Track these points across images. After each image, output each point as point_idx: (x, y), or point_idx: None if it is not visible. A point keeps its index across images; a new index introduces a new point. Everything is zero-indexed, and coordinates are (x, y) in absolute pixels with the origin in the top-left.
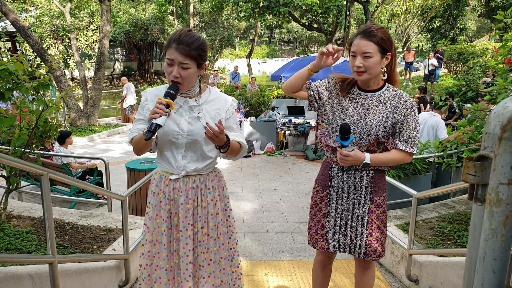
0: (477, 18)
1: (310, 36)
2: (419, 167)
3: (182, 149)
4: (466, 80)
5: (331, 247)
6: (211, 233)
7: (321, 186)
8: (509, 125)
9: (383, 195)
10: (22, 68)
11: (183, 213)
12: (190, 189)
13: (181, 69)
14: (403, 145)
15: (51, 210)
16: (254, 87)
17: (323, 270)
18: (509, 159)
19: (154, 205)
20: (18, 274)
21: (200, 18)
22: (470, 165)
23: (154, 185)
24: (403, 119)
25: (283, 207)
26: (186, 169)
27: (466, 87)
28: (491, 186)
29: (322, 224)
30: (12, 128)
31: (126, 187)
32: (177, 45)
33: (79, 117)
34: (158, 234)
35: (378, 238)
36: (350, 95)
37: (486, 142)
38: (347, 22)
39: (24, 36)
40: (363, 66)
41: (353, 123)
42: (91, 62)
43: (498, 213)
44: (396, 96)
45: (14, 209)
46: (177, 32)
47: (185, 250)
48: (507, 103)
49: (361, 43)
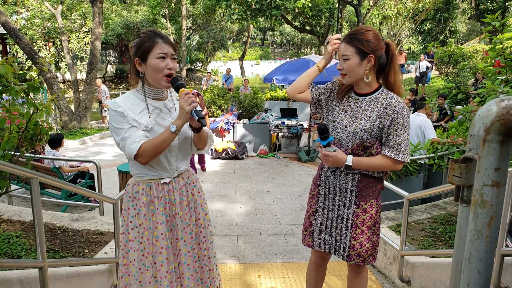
0: (467, 20)
1: (303, 38)
2: (411, 168)
3: (175, 151)
4: (457, 82)
5: (316, 245)
6: (204, 223)
7: (314, 185)
8: (493, 128)
9: (372, 201)
10: (12, 70)
11: (183, 211)
12: (183, 187)
13: (172, 61)
14: (388, 151)
15: (41, 214)
16: (247, 89)
17: (317, 271)
18: (493, 161)
19: (150, 214)
20: (7, 279)
21: (192, 21)
22: (456, 167)
23: (145, 196)
24: (389, 124)
25: (276, 209)
26: (179, 169)
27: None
28: (475, 188)
29: (310, 222)
30: (2, 131)
31: (118, 190)
32: (163, 38)
33: (71, 119)
34: (163, 240)
35: (363, 244)
36: (346, 98)
37: (471, 144)
38: (339, 24)
39: (15, 38)
40: (343, 68)
41: (341, 125)
42: (83, 65)
43: (482, 214)
44: (386, 101)
45: (4, 213)
46: (151, 30)
47: (187, 248)
48: (491, 105)
49: (341, 47)
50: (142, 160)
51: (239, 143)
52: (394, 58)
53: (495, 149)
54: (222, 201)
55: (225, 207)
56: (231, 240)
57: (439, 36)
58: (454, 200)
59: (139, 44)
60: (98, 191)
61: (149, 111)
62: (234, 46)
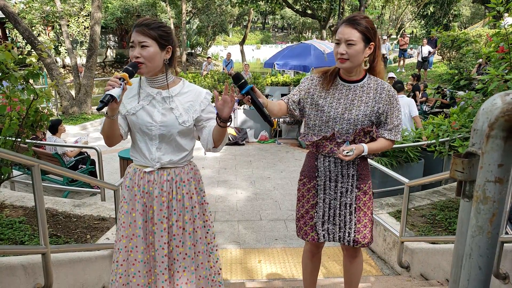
0: (471, 4)
1: (304, 22)
2: (412, 154)
3: (156, 141)
4: (460, 67)
5: (321, 237)
6: (186, 226)
7: (307, 178)
8: (497, 123)
9: (369, 182)
10: (11, 57)
11: (158, 206)
12: (165, 182)
13: (141, 49)
14: (388, 134)
15: (43, 201)
16: (248, 74)
17: (312, 259)
18: (496, 157)
19: (129, 199)
20: (10, 265)
21: (192, 4)
22: (458, 162)
23: (128, 179)
24: (387, 109)
25: (276, 195)
26: (160, 161)
27: (459, 75)
28: (478, 184)
29: (310, 215)
30: (2, 118)
31: (119, 176)
32: (137, 27)
33: (71, 105)
34: (135, 228)
35: (366, 225)
36: (334, 86)
37: (474, 138)
38: (341, 8)
39: (14, 22)
40: (346, 53)
41: (338, 114)
42: (82, 49)
43: (484, 210)
44: (378, 86)
45: (6, 199)
46: (139, 19)
47: (160, 243)
48: (495, 99)
49: (345, 31)
50: (104, 140)
51: (239, 129)
52: (379, 47)
53: (499, 145)
54: (223, 187)
55: (225, 193)
56: (231, 226)
57: (442, 20)
58: (456, 195)
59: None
60: (99, 177)
61: (139, 97)
62: (235, 30)
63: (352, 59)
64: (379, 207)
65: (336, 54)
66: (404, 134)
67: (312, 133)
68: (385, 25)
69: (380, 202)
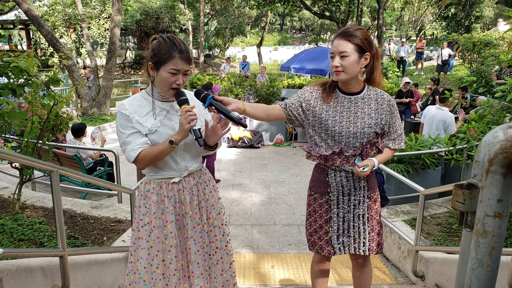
0: (495, 5)
1: (322, 24)
2: (428, 161)
3: (181, 151)
4: (481, 71)
5: (337, 251)
6: (215, 222)
7: (318, 193)
8: (496, 159)
9: (376, 190)
10: (33, 64)
11: (192, 211)
12: (193, 186)
13: (184, 76)
14: (393, 144)
15: (61, 205)
16: (264, 76)
17: (321, 270)
18: (495, 192)
19: (160, 213)
20: (30, 267)
21: (211, 6)
22: (459, 193)
23: (155, 195)
24: (389, 119)
25: (291, 199)
26: (188, 169)
27: (480, 79)
28: (478, 217)
29: (325, 230)
30: (25, 122)
31: (135, 177)
32: (181, 54)
33: (91, 106)
34: (172, 239)
35: (379, 232)
36: (334, 99)
37: (475, 170)
38: (360, 10)
39: (37, 25)
40: (340, 65)
41: (343, 128)
42: (103, 51)
43: (484, 244)
44: (378, 97)
45: (27, 199)
46: (172, 40)
47: (201, 244)
48: (497, 132)
49: (338, 43)
50: (140, 166)
51: (255, 132)
52: (378, 58)
53: (498, 180)
54: (237, 190)
55: (240, 196)
56: (245, 230)
57: (463, 22)
58: (458, 225)
59: (157, 51)
60: (116, 179)
61: (155, 114)
62: (252, 32)
63: (347, 71)
64: (394, 215)
65: (331, 67)
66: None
67: (320, 146)
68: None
69: (396, 209)
